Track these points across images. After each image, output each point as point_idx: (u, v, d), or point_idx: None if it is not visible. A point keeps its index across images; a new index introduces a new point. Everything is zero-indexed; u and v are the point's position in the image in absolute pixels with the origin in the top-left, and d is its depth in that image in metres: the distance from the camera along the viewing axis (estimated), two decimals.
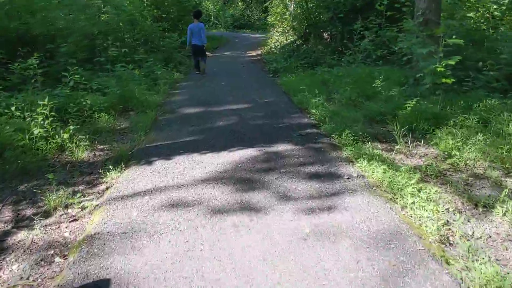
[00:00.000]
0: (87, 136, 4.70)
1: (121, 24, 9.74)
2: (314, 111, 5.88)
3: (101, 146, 4.66)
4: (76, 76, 6.20)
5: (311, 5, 10.87)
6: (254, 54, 14.41)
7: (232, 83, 8.81)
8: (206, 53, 10.22)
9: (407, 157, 4.13)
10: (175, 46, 11.90)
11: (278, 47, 13.65)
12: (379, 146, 4.43)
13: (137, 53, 9.84)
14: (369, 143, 4.43)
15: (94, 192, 3.48)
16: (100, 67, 8.30)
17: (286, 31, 14.20)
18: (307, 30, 12.67)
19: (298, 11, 12.61)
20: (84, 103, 5.63)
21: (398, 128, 4.46)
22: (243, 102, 6.81)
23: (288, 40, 13.67)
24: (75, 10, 9.25)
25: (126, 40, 9.81)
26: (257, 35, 21.76)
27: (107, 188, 3.53)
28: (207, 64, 10.27)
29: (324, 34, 12.59)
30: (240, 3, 25.80)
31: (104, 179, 3.71)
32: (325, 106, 6.01)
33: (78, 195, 3.36)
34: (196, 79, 9.51)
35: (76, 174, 3.86)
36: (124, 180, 3.63)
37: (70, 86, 6.12)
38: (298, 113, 6.05)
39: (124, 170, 3.89)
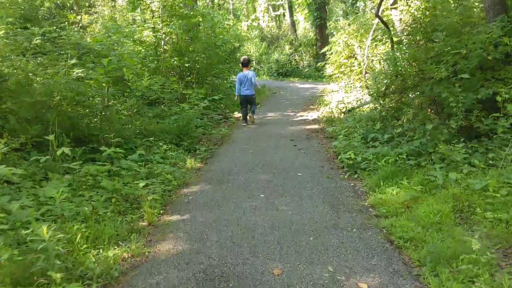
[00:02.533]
0: None
1: (104, 85, 6.00)
2: None
3: None
4: None
5: (404, 54, 6.77)
6: (309, 118, 10.35)
7: (278, 206, 4.71)
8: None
9: None
10: (194, 114, 8.07)
11: (343, 110, 9.54)
12: None
13: (124, 133, 6.04)
14: None
15: None
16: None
17: (354, 87, 10.12)
18: (388, 90, 8.55)
19: (381, 66, 8.58)
20: None
21: None
22: None
23: (358, 101, 9.54)
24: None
25: (103, 114, 6.00)
26: (307, 85, 17.84)
27: None
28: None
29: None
30: (287, 47, 22.19)
31: None
32: None
33: None
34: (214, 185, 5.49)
35: None
36: None
37: None
38: None
39: None
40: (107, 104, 5.88)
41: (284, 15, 37.40)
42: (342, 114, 9.46)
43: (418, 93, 6.74)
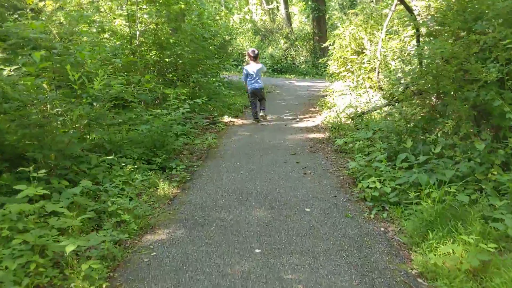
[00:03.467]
0: None
1: (46, 87, 4.40)
2: None
3: None
4: None
5: (438, 49, 5.22)
6: (310, 125, 8.82)
7: (282, 272, 3.14)
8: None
9: None
10: (170, 121, 6.47)
11: (352, 115, 8.02)
12: None
13: (71, 150, 4.46)
14: None
15: None
16: None
17: (363, 87, 8.59)
18: (408, 90, 7.10)
19: (397, 64, 7.05)
20: None
21: None
22: None
23: (369, 104, 8.04)
24: None
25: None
26: (305, 83, 16.31)
27: None
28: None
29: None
30: (282, 41, 20.62)
31: None
32: None
33: None
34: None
35: None
36: None
37: None
38: None
39: None
40: (47, 114, 4.30)
41: (278, 8, 35.85)
42: (350, 120, 7.95)
43: (456, 99, 5.24)
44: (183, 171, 5.69)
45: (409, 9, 5.99)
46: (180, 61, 9.43)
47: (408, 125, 5.61)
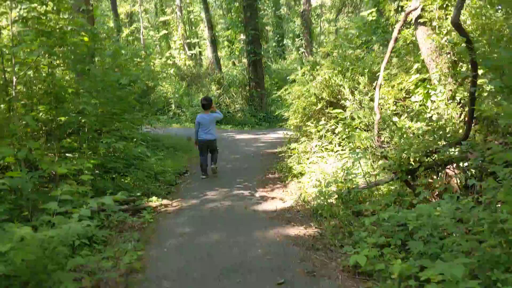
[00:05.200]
0: None
1: None
2: None
3: None
4: None
5: None
6: (280, 206, 6.17)
7: None
8: None
9: None
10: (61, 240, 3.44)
11: (342, 192, 5.52)
12: None
13: None
14: None
15: None
16: None
17: (353, 152, 6.19)
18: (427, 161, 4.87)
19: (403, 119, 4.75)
20: None
21: None
22: None
23: (367, 178, 5.61)
24: None
25: None
26: (246, 135, 13.78)
27: None
28: None
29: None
30: (214, 87, 18.20)
31: None
32: None
33: None
34: None
35: None
36: None
37: None
38: None
39: None
40: None
41: (201, 53, 33.89)
42: (341, 202, 5.45)
43: None
44: None
45: (466, 37, 3.72)
46: (82, 121, 6.39)
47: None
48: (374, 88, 6.50)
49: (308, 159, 7.46)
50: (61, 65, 6.88)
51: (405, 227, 4.06)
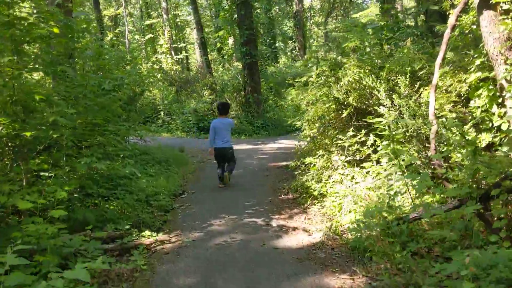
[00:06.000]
0: None
1: None
2: None
3: None
4: None
5: None
6: (306, 241, 4.94)
7: None
8: None
9: None
10: None
11: (392, 222, 4.30)
12: None
13: None
14: None
15: None
16: None
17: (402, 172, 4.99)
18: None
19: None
20: None
21: None
22: None
23: (416, 206, 4.41)
24: None
25: None
26: (245, 146, 12.49)
27: None
28: None
29: None
30: (206, 92, 16.93)
31: None
32: None
33: None
34: None
35: None
36: None
37: None
38: None
39: None
40: None
41: (187, 58, 32.67)
42: (387, 236, 4.24)
43: None
44: None
45: None
46: (56, 135, 5.06)
47: None
48: (416, 91, 5.31)
49: (329, 177, 6.25)
50: (30, 65, 5.55)
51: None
